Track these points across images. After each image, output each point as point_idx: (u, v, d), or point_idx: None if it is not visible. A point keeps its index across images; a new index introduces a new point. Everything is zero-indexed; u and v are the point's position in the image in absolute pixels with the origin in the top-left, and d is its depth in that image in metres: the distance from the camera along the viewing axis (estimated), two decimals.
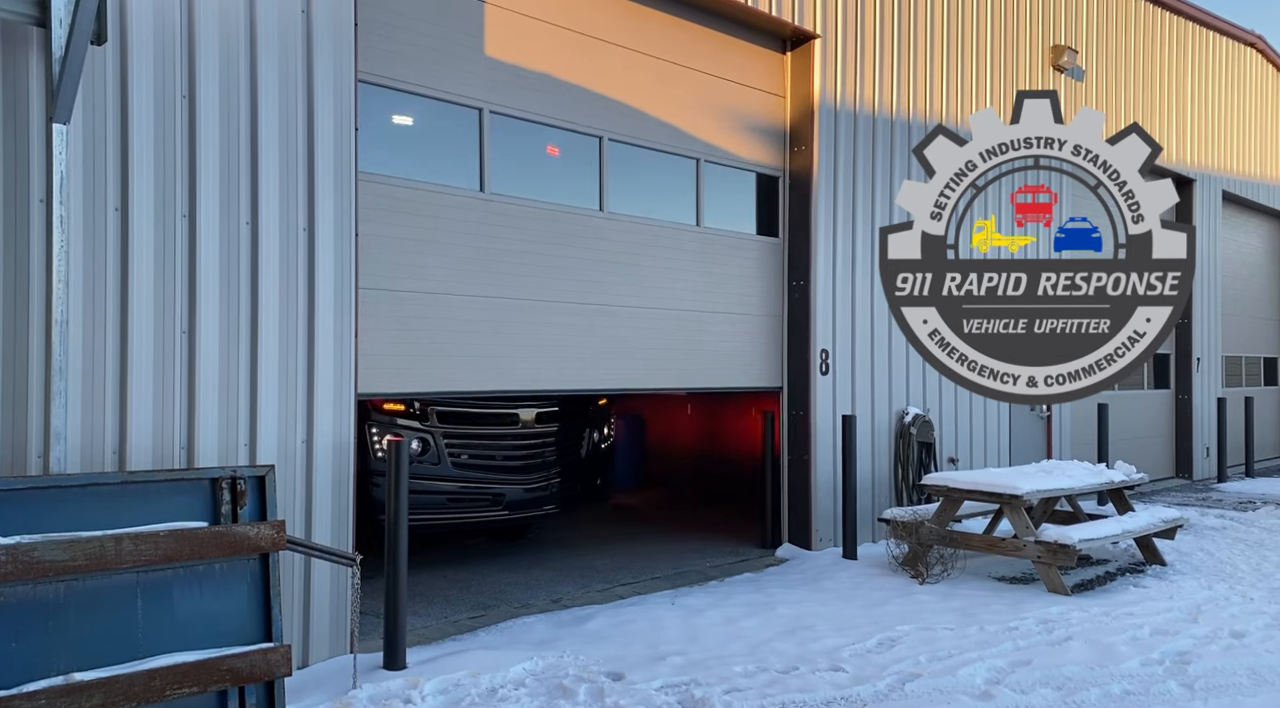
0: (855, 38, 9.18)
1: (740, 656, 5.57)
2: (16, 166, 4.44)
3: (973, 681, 5.17)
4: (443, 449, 7.50)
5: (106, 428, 4.66)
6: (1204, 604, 6.82)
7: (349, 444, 5.60)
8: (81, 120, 4.58)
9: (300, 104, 5.42)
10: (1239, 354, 16.63)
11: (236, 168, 5.17)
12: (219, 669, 4.18)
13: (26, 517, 3.91)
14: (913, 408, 9.65)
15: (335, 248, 5.55)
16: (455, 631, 6.17)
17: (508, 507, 7.93)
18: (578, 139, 7.44)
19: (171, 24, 4.93)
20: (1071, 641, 5.91)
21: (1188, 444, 14.77)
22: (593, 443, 8.68)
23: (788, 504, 8.94)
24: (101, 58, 4.65)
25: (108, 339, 4.69)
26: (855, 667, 5.38)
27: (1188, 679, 5.21)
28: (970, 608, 6.66)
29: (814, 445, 8.78)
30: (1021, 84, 11.15)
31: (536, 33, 7.14)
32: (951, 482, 7.86)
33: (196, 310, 4.99)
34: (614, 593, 7.22)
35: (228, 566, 4.37)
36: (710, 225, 8.37)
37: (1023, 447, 11.17)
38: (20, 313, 4.43)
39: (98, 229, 4.67)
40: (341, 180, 5.59)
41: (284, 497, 5.17)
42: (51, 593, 3.91)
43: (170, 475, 4.40)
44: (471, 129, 6.77)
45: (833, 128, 8.97)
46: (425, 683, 4.96)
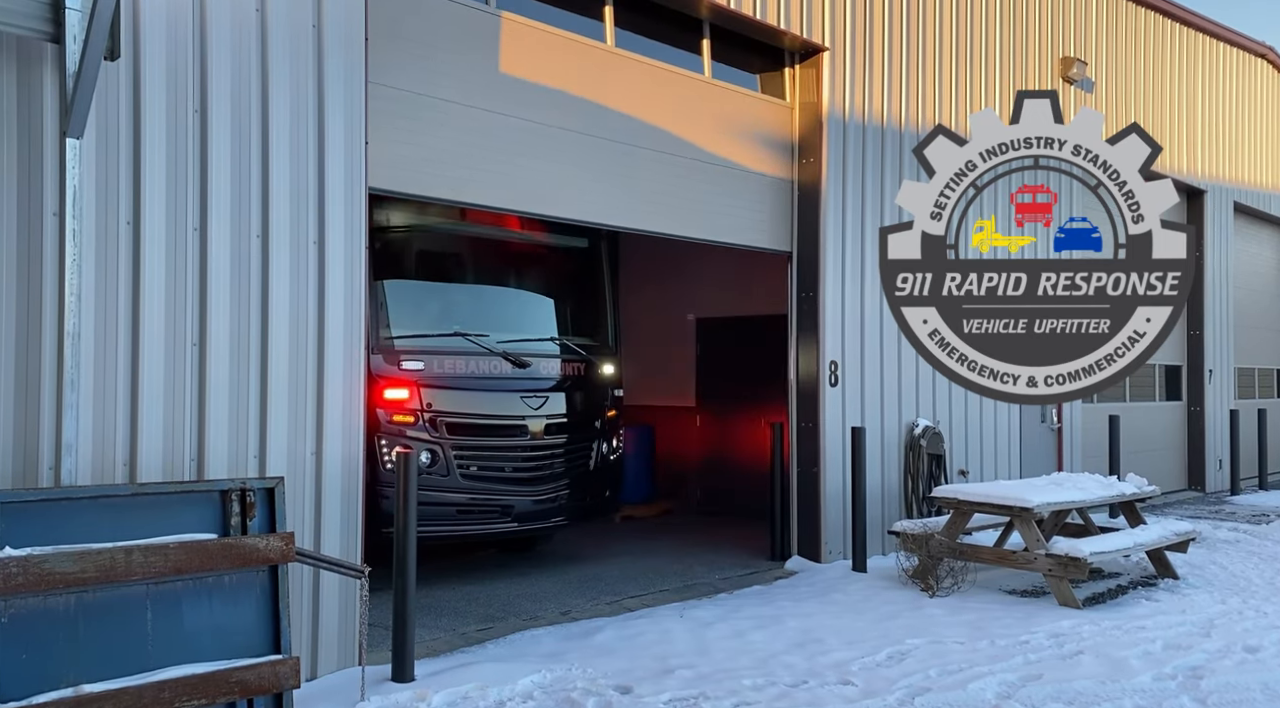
0: (864, 50, 9.20)
1: (749, 669, 5.55)
2: (30, 180, 4.47)
3: (983, 695, 5.14)
4: (451, 461, 7.50)
5: (117, 440, 4.67)
6: (1217, 618, 6.77)
7: (358, 456, 5.61)
8: (94, 134, 4.62)
9: (311, 118, 5.45)
10: (1252, 366, 16.54)
11: (248, 181, 5.20)
12: (228, 681, 4.18)
13: (38, 529, 3.92)
14: (922, 420, 9.62)
15: (346, 261, 5.57)
16: (463, 643, 6.17)
17: (516, 519, 7.91)
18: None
19: (184, 39, 4.97)
20: (1083, 655, 5.87)
21: (1200, 457, 14.67)
22: (601, 454, 8.68)
23: (797, 516, 8.91)
24: (114, 73, 4.68)
25: (119, 352, 4.71)
26: (865, 681, 5.35)
27: (1200, 695, 5.17)
28: (981, 621, 6.62)
29: (823, 457, 8.76)
30: None
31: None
32: (961, 494, 7.82)
33: (207, 323, 5.01)
34: (622, 605, 7.20)
35: (237, 577, 4.38)
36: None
37: (1033, 459, 11.11)
38: (33, 326, 4.46)
39: (110, 242, 4.70)
40: (352, 193, 5.61)
41: (293, 509, 5.18)
42: (62, 605, 3.92)
43: (180, 487, 4.42)
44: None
45: (841, 140, 8.98)
46: (433, 696, 4.96)
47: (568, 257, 8.87)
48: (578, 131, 7.36)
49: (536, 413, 8.03)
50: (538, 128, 7.08)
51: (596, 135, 7.49)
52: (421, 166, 6.41)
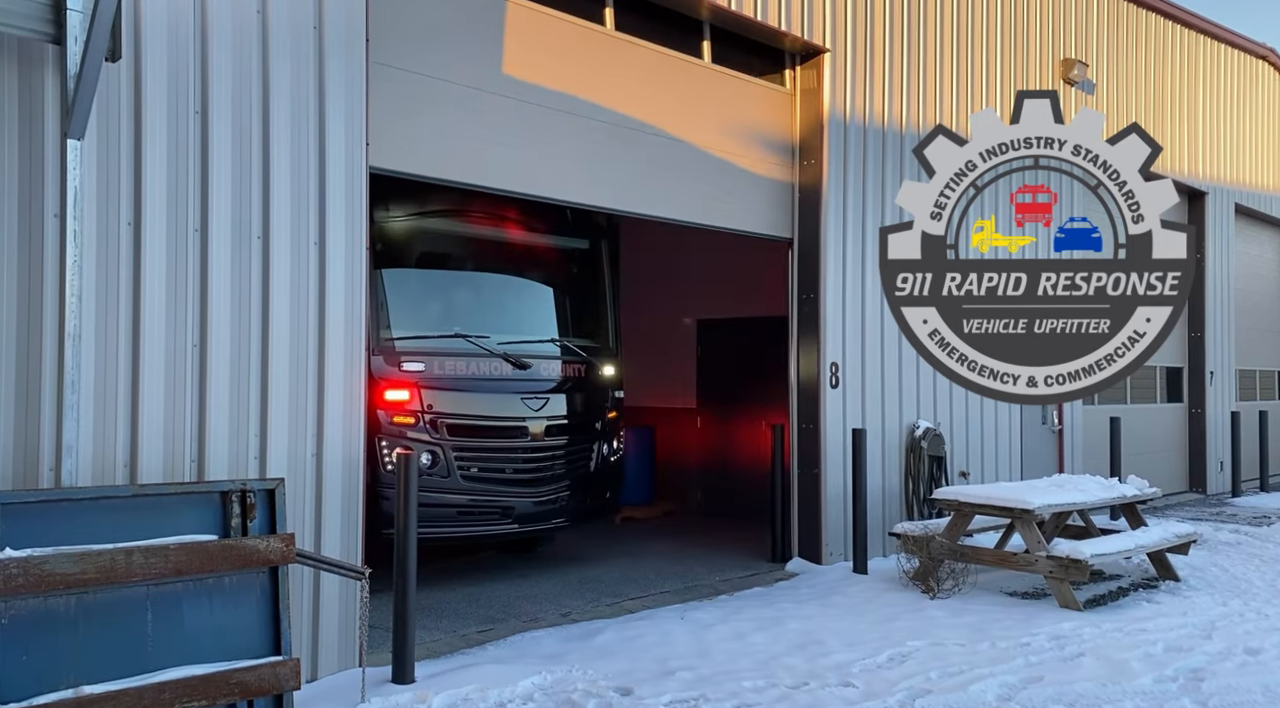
0: (864, 52, 9.20)
1: (750, 671, 5.54)
2: (31, 181, 4.48)
3: (984, 697, 5.13)
4: (452, 462, 7.50)
5: (118, 441, 4.67)
6: (1218, 620, 6.76)
7: (358, 457, 5.61)
8: (95, 136, 4.62)
9: (312, 119, 5.46)
10: (1253, 368, 16.52)
11: (249, 182, 5.20)
12: (228, 683, 4.18)
13: (38, 530, 3.92)
14: (923, 421, 9.61)
15: (346, 262, 5.57)
16: (464, 644, 6.16)
17: (517, 520, 7.91)
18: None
19: (185, 41, 4.97)
20: (1084, 657, 5.87)
21: (1201, 459, 14.66)
22: (602, 456, 8.67)
23: (798, 518, 8.91)
24: (116, 74, 4.69)
25: (120, 353, 4.71)
26: (865, 682, 5.35)
27: (1201, 697, 5.16)
28: (981, 623, 6.62)
29: (824, 459, 8.75)
30: None
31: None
32: (963, 496, 7.82)
33: (208, 324, 5.01)
34: (623, 607, 7.20)
35: (237, 579, 4.38)
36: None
37: (1034, 461, 11.11)
38: (34, 327, 4.46)
39: (111, 243, 4.70)
40: (352, 194, 5.61)
41: (293, 510, 5.17)
42: (62, 606, 3.92)
43: (180, 488, 4.42)
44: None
45: (842, 141, 8.98)
46: (434, 698, 4.96)
47: (568, 258, 8.87)
48: (579, 115, 7.36)
49: (537, 414, 8.03)
50: (541, 111, 7.08)
51: (598, 119, 7.49)
52: (421, 146, 6.41)
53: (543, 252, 8.68)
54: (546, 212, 8.36)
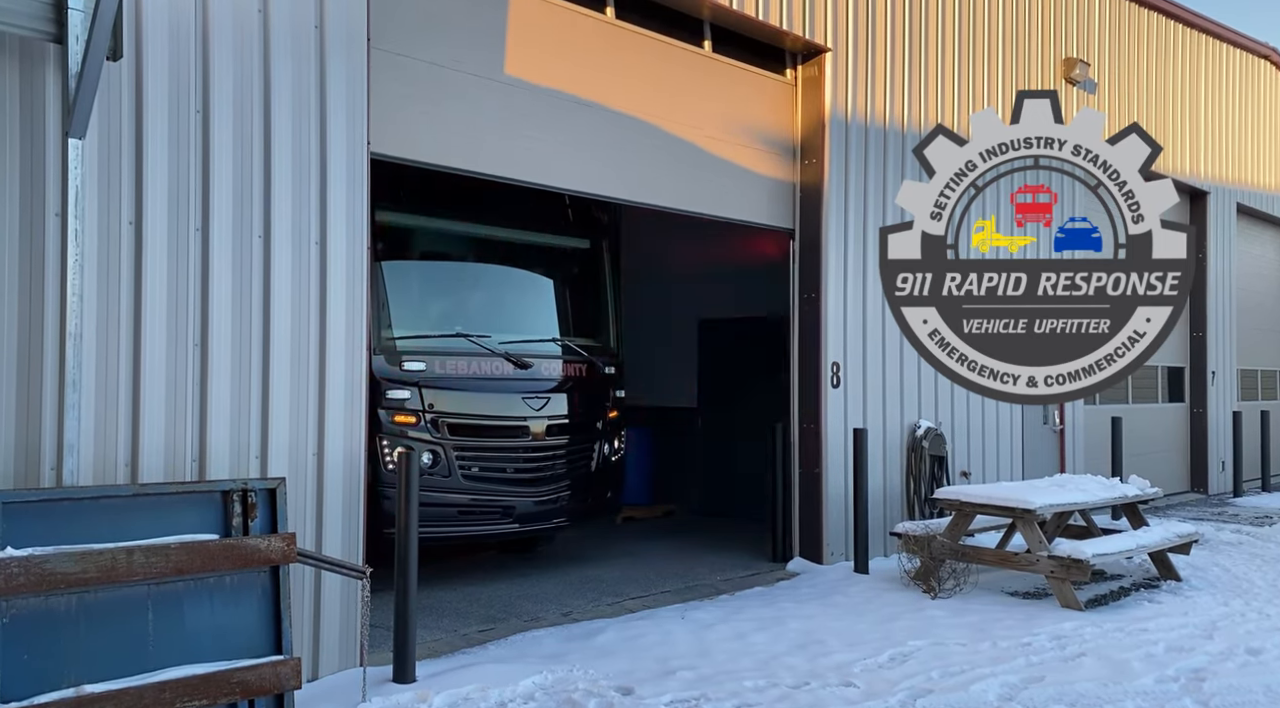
0: (866, 51, 9.19)
1: (751, 671, 5.54)
2: (33, 181, 4.48)
3: (985, 697, 5.13)
4: (453, 461, 7.50)
5: (119, 440, 4.68)
6: (1220, 620, 6.75)
7: (360, 457, 5.61)
8: (97, 135, 4.62)
9: (313, 118, 5.46)
10: (1254, 368, 16.51)
11: (250, 181, 5.20)
12: (229, 682, 4.18)
13: (39, 529, 3.93)
14: (925, 421, 9.60)
15: (347, 261, 5.57)
16: (465, 644, 6.16)
17: (518, 520, 7.90)
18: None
19: (186, 40, 4.97)
20: (1085, 657, 5.86)
21: (1203, 459, 14.65)
22: (603, 455, 8.67)
23: (798, 518, 8.90)
24: (117, 73, 4.69)
25: (121, 352, 4.71)
26: (866, 682, 5.34)
27: (1203, 697, 5.16)
28: (982, 623, 6.61)
29: (825, 459, 8.74)
30: None
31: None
32: (964, 496, 7.81)
33: (209, 323, 5.01)
34: (624, 607, 7.20)
35: (238, 578, 4.38)
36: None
37: (1035, 461, 11.10)
38: (35, 326, 4.46)
39: (112, 242, 4.70)
40: (354, 194, 5.61)
41: (295, 509, 5.18)
42: (63, 605, 3.92)
43: (181, 488, 4.42)
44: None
45: (843, 141, 8.97)
46: (434, 697, 4.96)
47: (569, 257, 8.87)
48: (583, 105, 7.36)
49: (538, 414, 8.03)
50: (542, 98, 7.07)
51: (599, 108, 7.48)
52: (423, 133, 6.40)
53: (544, 251, 8.68)
54: (548, 211, 8.36)
